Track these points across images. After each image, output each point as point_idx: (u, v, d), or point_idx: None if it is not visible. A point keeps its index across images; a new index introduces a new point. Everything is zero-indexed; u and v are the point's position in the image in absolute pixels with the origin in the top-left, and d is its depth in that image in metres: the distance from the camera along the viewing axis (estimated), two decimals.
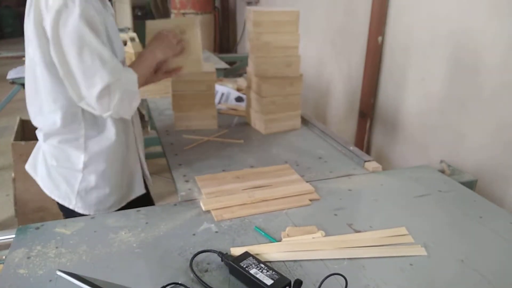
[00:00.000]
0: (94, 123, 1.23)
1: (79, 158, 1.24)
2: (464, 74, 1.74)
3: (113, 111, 1.14)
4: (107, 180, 1.28)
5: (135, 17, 5.84)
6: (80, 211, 1.27)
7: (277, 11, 1.73)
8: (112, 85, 1.10)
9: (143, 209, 1.18)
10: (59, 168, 1.25)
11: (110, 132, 1.25)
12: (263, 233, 1.07)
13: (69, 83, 1.11)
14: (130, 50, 2.81)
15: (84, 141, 1.23)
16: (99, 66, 1.08)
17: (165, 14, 5.28)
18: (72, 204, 1.27)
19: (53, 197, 1.29)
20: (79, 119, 1.20)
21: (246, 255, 0.93)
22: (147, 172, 1.46)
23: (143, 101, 2.30)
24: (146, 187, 1.45)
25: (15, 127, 2.67)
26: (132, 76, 1.18)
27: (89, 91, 1.10)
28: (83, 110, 1.19)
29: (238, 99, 2.23)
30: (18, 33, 9.15)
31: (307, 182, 1.33)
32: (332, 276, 0.86)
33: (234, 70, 3.74)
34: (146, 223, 1.11)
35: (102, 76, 1.08)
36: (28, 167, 1.35)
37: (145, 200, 1.42)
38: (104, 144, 1.24)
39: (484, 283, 0.91)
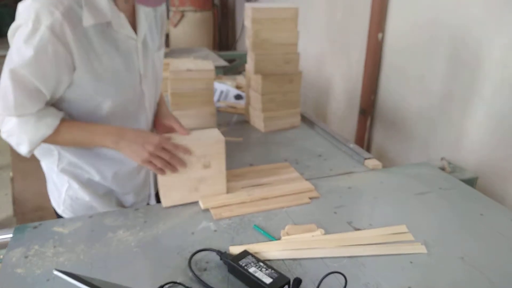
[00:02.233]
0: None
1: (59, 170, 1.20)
2: (465, 71, 1.73)
3: (3, 138, 1.07)
4: (92, 193, 1.22)
5: None
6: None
7: (276, 8, 1.72)
8: (7, 117, 1.04)
9: (141, 208, 1.18)
10: (51, 173, 1.23)
11: (94, 172, 1.19)
12: (262, 232, 1.06)
13: None
14: None
15: (58, 159, 1.18)
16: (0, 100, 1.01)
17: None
18: (60, 209, 1.25)
19: (50, 199, 1.28)
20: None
21: (245, 253, 0.93)
22: (152, 192, 1.36)
23: None
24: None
25: None
26: (41, 127, 1.03)
27: None
28: None
29: (237, 97, 2.22)
30: None
31: (306, 180, 1.32)
32: (332, 275, 0.86)
33: (233, 67, 3.73)
34: (145, 222, 1.10)
35: (7, 106, 1.01)
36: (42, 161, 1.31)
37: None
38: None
39: (485, 280, 0.91)
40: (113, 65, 1.07)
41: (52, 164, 1.19)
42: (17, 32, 0.97)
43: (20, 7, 0.98)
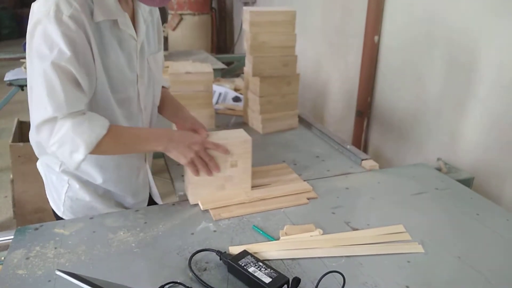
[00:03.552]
0: None
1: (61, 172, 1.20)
2: (460, 73, 1.75)
3: (51, 151, 1.01)
4: (92, 194, 1.23)
5: None
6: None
7: (273, 11, 1.74)
8: (60, 120, 0.98)
9: (141, 209, 1.19)
10: (51, 175, 1.24)
11: (95, 175, 1.19)
12: (261, 232, 1.07)
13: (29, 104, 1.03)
14: None
15: (61, 163, 1.18)
16: (45, 95, 0.96)
17: (162, 14, 5.28)
18: (60, 211, 1.25)
19: (49, 201, 1.29)
20: None
21: (244, 253, 0.94)
22: (154, 190, 1.39)
23: None
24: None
25: (13, 129, 2.67)
26: (96, 127, 1.02)
27: (32, 118, 1.00)
28: None
29: (236, 99, 2.23)
30: (15, 34, 9.13)
31: (304, 180, 1.33)
32: (330, 274, 0.87)
33: (231, 70, 3.74)
34: (145, 223, 1.11)
35: (46, 106, 0.97)
36: (38, 164, 1.32)
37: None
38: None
39: (481, 279, 0.92)
40: (119, 62, 1.10)
41: (54, 165, 1.20)
42: (40, 26, 0.95)
43: (36, 4, 0.98)
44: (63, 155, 1.01)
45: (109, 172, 1.21)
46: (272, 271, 0.88)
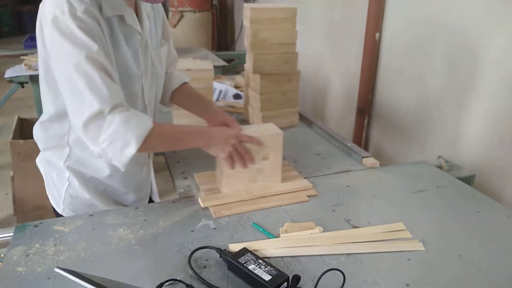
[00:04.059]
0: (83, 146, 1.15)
1: (64, 169, 1.20)
2: (462, 70, 1.74)
3: (101, 149, 0.99)
4: (92, 191, 1.23)
5: None
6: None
7: (274, 8, 1.73)
8: (108, 116, 0.97)
9: (141, 206, 1.18)
10: (51, 172, 1.24)
11: (103, 166, 1.20)
12: (261, 229, 1.07)
13: (66, 106, 1.02)
14: None
15: (68, 155, 1.18)
16: (86, 91, 0.95)
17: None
18: (60, 209, 1.25)
19: (49, 198, 1.29)
20: (65, 140, 1.16)
21: (244, 251, 0.94)
22: (154, 187, 1.40)
23: None
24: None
25: (13, 126, 2.67)
26: (143, 122, 1.01)
27: (76, 119, 0.99)
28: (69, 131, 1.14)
29: (236, 97, 2.23)
30: (15, 32, 9.14)
31: (305, 178, 1.33)
32: (330, 272, 0.87)
33: (232, 67, 3.74)
34: (145, 220, 1.11)
35: (91, 102, 0.96)
36: (38, 161, 1.32)
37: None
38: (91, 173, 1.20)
39: (482, 277, 0.92)
40: (126, 57, 1.10)
41: (58, 160, 1.20)
42: (57, 24, 0.95)
43: (46, 4, 0.98)
44: (114, 152, 0.99)
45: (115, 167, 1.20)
46: (272, 268, 0.88)
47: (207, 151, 1.14)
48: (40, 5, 1.02)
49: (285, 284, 0.86)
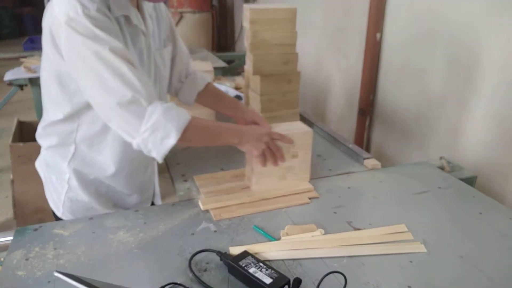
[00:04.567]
0: (89, 145, 1.17)
1: (65, 170, 1.20)
2: (463, 70, 1.73)
3: (142, 139, 1.00)
4: (92, 194, 1.23)
5: None
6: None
7: (274, 8, 1.73)
8: (149, 107, 0.99)
9: (141, 209, 1.18)
10: (51, 175, 1.24)
11: (108, 165, 1.20)
12: (262, 232, 1.06)
13: (94, 104, 1.04)
14: None
15: (72, 154, 1.18)
16: (118, 82, 0.97)
17: None
18: (60, 212, 1.25)
19: (49, 201, 1.29)
20: (72, 137, 1.16)
21: (245, 254, 0.93)
22: (157, 189, 1.40)
23: None
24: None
25: (13, 129, 2.66)
26: (183, 113, 1.03)
27: (109, 112, 1.00)
28: (78, 126, 1.14)
29: (237, 98, 2.22)
30: (15, 34, 9.14)
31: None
32: (332, 274, 0.86)
33: (232, 68, 3.73)
34: (145, 223, 1.10)
35: (124, 92, 0.96)
36: (37, 164, 1.32)
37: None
38: (96, 172, 1.21)
39: (484, 279, 0.91)
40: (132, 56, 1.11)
41: (61, 160, 1.19)
42: (72, 25, 0.95)
43: (56, 7, 0.97)
44: (154, 142, 1.00)
45: (123, 163, 1.21)
46: (273, 271, 0.87)
47: (240, 148, 1.16)
48: (47, 11, 1.02)
49: (286, 287, 0.85)
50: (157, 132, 0.99)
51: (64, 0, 0.96)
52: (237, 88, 2.36)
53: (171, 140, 1.01)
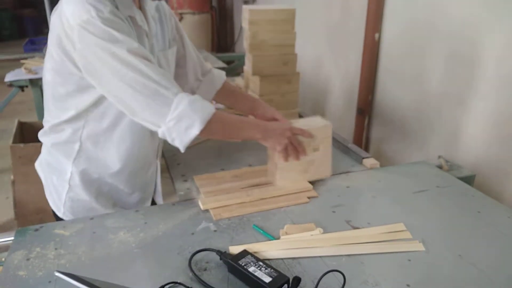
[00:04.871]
0: (94, 145, 1.18)
1: (67, 169, 1.20)
2: (462, 69, 1.74)
3: (167, 128, 1.02)
4: (93, 193, 1.24)
5: None
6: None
7: (273, 9, 1.73)
8: (176, 98, 1.01)
9: (141, 209, 1.18)
10: (51, 175, 1.24)
11: (112, 162, 1.21)
12: (261, 231, 1.07)
13: (116, 101, 1.05)
14: None
15: (77, 152, 1.19)
16: (139, 77, 0.99)
17: None
18: (60, 212, 1.26)
19: (49, 202, 1.29)
20: (78, 135, 1.17)
21: (244, 253, 0.94)
22: (159, 188, 1.40)
23: None
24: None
25: (14, 130, 2.67)
26: (207, 105, 1.06)
27: (133, 107, 1.02)
28: (84, 125, 1.15)
29: None
30: (15, 35, 9.14)
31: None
32: (331, 273, 0.87)
33: (231, 69, 3.74)
34: (145, 223, 1.11)
35: (147, 85, 0.99)
36: (37, 164, 1.32)
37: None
38: (99, 169, 1.22)
39: (482, 277, 0.92)
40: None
41: (66, 159, 1.19)
42: (89, 28, 0.96)
43: (71, 5, 0.98)
44: (179, 131, 1.02)
45: (128, 160, 1.22)
46: (272, 270, 0.88)
47: (263, 143, 1.18)
48: (55, 13, 1.03)
49: (286, 286, 0.86)
50: (182, 121, 1.02)
51: (76, 4, 0.97)
52: None
53: (195, 130, 1.03)
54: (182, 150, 1.06)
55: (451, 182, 1.35)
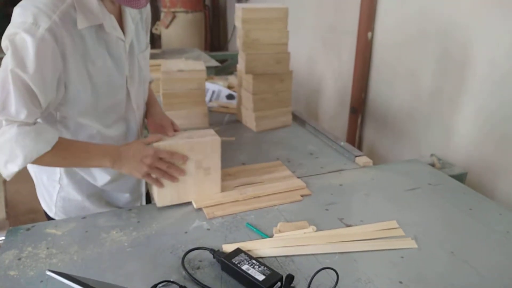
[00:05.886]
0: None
1: (56, 170, 1.19)
2: (453, 69, 1.75)
3: None
4: (85, 193, 1.22)
5: None
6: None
7: (265, 8, 1.73)
8: (6, 126, 0.93)
9: (134, 208, 1.18)
10: (42, 175, 1.23)
11: (98, 173, 1.20)
12: (254, 229, 1.07)
13: None
14: None
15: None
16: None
17: (155, 12, 5.25)
18: (52, 212, 1.25)
19: (40, 202, 1.28)
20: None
21: (238, 251, 0.94)
22: (142, 191, 1.37)
23: None
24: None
25: None
26: (40, 142, 0.96)
27: None
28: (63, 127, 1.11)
29: (229, 97, 2.23)
30: (2, 34, 9.04)
31: (298, 178, 1.33)
32: (324, 270, 0.87)
33: (225, 68, 3.73)
34: (138, 222, 1.11)
35: (4, 105, 0.93)
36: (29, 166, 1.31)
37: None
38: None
39: (474, 274, 0.92)
40: (106, 67, 1.08)
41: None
42: (17, 36, 0.93)
43: (16, 11, 0.95)
44: None
45: (112, 170, 1.18)
46: (265, 268, 0.88)
47: (119, 171, 1.10)
48: (14, 9, 0.99)
49: (279, 283, 0.86)
50: (1, 153, 0.94)
51: (22, 8, 0.94)
52: (230, 87, 2.37)
53: (15, 167, 0.95)
54: (7, 179, 0.98)
55: (443, 180, 1.36)
